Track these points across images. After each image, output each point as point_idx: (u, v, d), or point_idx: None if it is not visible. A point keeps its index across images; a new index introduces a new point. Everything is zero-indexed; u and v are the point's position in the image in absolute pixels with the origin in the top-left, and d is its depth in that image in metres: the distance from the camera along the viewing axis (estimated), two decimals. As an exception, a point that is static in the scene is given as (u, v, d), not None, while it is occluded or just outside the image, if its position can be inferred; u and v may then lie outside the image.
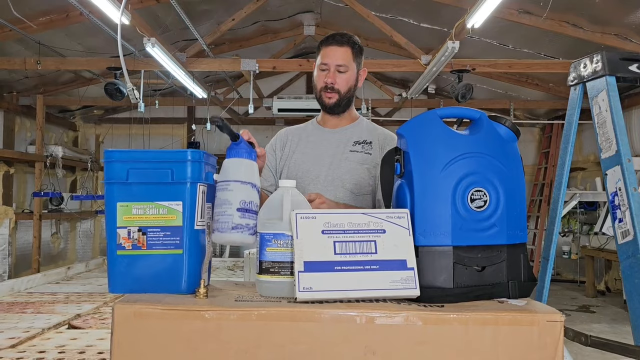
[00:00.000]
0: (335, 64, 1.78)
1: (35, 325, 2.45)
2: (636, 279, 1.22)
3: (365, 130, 1.90)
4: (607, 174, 1.32)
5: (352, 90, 1.84)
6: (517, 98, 7.81)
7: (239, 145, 1.15)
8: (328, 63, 1.79)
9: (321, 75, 1.81)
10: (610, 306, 6.34)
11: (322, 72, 1.81)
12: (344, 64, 1.79)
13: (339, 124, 1.90)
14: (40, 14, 4.81)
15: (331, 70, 1.79)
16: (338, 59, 1.79)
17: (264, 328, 0.97)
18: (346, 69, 1.80)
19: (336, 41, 1.81)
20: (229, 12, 5.46)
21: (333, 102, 1.82)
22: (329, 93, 1.81)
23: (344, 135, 1.87)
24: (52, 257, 7.69)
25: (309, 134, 1.93)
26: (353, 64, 1.82)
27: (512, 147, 1.18)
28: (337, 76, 1.79)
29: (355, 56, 1.82)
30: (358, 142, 1.84)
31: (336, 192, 1.77)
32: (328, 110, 1.85)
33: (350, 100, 1.86)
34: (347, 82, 1.81)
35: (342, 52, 1.79)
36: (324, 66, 1.80)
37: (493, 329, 0.98)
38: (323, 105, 1.84)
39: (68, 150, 7.59)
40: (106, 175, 1.08)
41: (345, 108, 1.86)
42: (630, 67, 1.34)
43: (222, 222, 1.10)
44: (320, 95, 1.83)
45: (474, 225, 1.08)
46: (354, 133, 1.88)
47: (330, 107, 1.83)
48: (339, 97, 1.81)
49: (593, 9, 4.67)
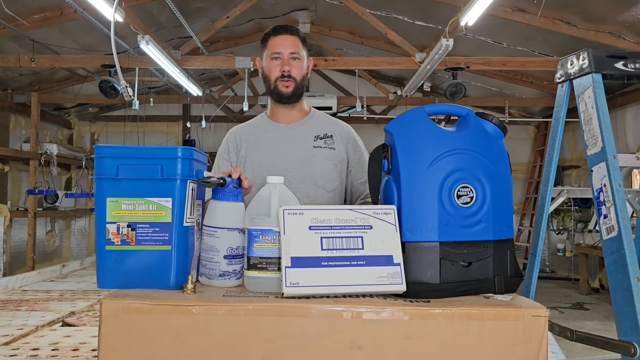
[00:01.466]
0: (288, 51, 1.77)
1: (29, 323, 2.45)
2: (620, 274, 1.23)
3: (323, 123, 1.87)
4: (593, 170, 1.33)
5: (305, 79, 1.83)
6: (511, 96, 7.84)
7: (226, 189, 1.15)
8: (281, 52, 1.77)
9: (274, 65, 1.78)
10: (604, 303, 6.38)
11: (275, 61, 1.78)
12: (297, 52, 1.78)
13: (292, 118, 1.86)
14: (34, 12, 4.80)
15: (285, 58, 1.77)
16: (290, 47, 1.77)
17: (251, 323, 0.98)
18: (299, 56, 1.78)
19: (286, 30, 1.80)
20: (224, 9, 5.46)
21: (290, 91, 1.78)
22: (285, 81, 1.77)
23: (302, 130, 1.84)
24: (47, 255, 7.68)
25: (265, 130, 1.86)
26: (303, 52, 1.81)
27: (499, 144, 1.18)
28: (292, 64, 1.78)
29: (303, 45, 1.81)
30: (319, 137, 1.82)
31: (308, 190, 1.74)
32: (285, 100, 1.81)
33: (304, 90, 1.84)
34: (301, 70, 1.80)
35: (293, 40, 1.79)
36: (276, 55, 1.77)
37: (478, 324, 0.99)
38: (279, 95, 1.80)
39: (63, 148, 7.57)
40: (96, 171, 1.09)
41: (299, 97, 1.84)
42: (616, 65, 1.35)
43: (210, 268, 1.12)
44: (275, 86, 1.79)
45: (460, 221, 1.09)
46: (312, 127, 1.85)
47: (288, 95, 1.79)
48: (295, 85, 1.79)
49: (587, 6, 4.69)
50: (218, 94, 7.68)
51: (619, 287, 1.25)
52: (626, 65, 1.35)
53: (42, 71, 6.45)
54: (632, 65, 1.35)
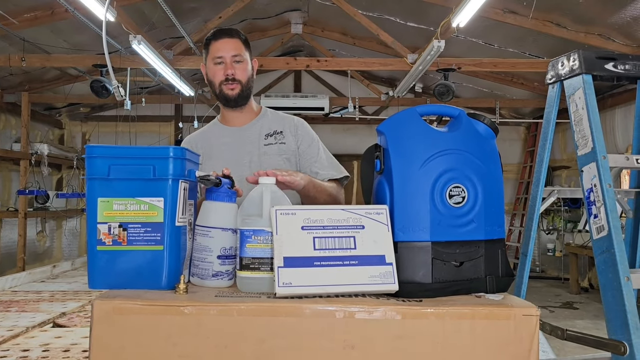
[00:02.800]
0: (230, 55, 1.77)
1: (20, 324, 2.43)
2: (610, 274, 1.24)
3: (273, 121, 1.87)
4: (583, 170, 1.34)
5: (250, 81, 1.83)
6: (502, 97, 7.89)
7: (220, 189, 1.15)
8: (223, 55, 1.77)
9: (218, 69, 1.78)
10: (593, 303, 6.42)
11: (218, 65, 1.78)
12: (239, 54, 1.78)
13: (244, 120, 1.86)
14: (24, 11, 4.77)
15: (228, 62, 1.77)
16: (232, 50, 1.77)
17: (244, 323, 0.98)
18: (242, 58, 1.79)
19: (226, 34, 1.80)
20: (216, 9, 5.45)
21: (236, 94, 1.78)
22: (230, 85, 1.78)
23: (253, 131, 1.84)
24: (38, 256, 7.63)
25: (217, 136, 1.87)
26: (246, 54, 1.81)
27: (490, 145, 1.19)
28: (236, 67, 1.77)
29: (245, 47, 1.81)
30: (269, 134, 1.82)
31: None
32: (232, 104, 1.81)
33: (251, 92, 1.84)
34: (245, 72, 1.80)
35: (234, 43, 1.79)
36: (218, 59, 1.77)
37: (470, 323, 1.00)
38: (225, 98, 1.80)
39: (54, 148, 7.53)
40: (87, 171, 1.08)
41: (247, 100, 1.84)
42: (606, 66, 1.36)
43: (203, 268, 1.12)
44: (220, 90, 1.79)
45: (452, 221, 1.10)
46: (263, 126, 1.85)
47: (234, 98, 1.79)
48: (241, 87, 1.79)
49: (577, 9, 4.72)
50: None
51: (609, 286, 1.26)
52: (616, 66, 1.37)
53: (33, 70, 6.40)
54: (622, 66, 1.36)
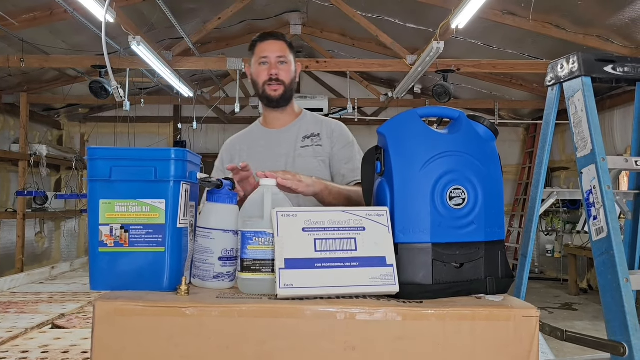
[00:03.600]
0: (275, 55, 1.80)
1: (19, 325, 2.43)
2: (609, 275, 1.25)
3: (311, 124, 1.89)
4: (583, 172, 1.35)
5: (294, 83, 1.86)
6: (501, 98, 7.90)
7: (222, 191, 1.15)
8: (268, 56, 1.80)
9: (262, 69, 1.81)
10: (592, 304, 6.43)
11: (263, 65, 1.81)
12: (284, 56, 1.81)
13: (284, 122, 1.89)
14: (23, 11, 4.77)
15: (273, 63, 1.80)
16: (277, 51, 1.81)
17: (245, 324, 0.98)
18: (286, 60, 1.82)
19: (272, 36, 1.84)
20: (215, 10, 5.45)
21: (279, 94, 1.81)
22: (274, 85, 1.80)
23: (292, 133, 1.87)
24: (36, 257, 7.62)
25: (257, 138, 1.90)
26: (291, 57, 1.84)
27: (490, 146, 1.20)
28: (280, 68, 1.80)
29: (290, 50, 1.85)
30: (306, 137, 1.84)
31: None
32: (274, 104, 1.84)
33: (293, 93, 1.87)
34: (289, 74, 1.83)
35: (280, 45, 1.82)
36: (263, 59, 1.81)
37: (470, 324, 1.00)
38: (268, 99, 1.83)
39: (52, 149, 7.52)
40: (89, 173, 1.08)
41: (289, 101, 1.87)
42: (606, 68, 1.37)
43: (204, 269, 1.12)
44: (264, 90, 1.82)
45: (452, 223, 1.10)
46: (301, 128, 1.87)
47: (277, 99, 1.82)
48: (284, 88, 1.82)
49: (576, 10, 4.74)
50: (209, 95, 7.66)
51: (608, 287, 1.27)
52: (615, 69, 1.37)
53: (32, 71, 6.40)
54: (621, 69, 1.37)
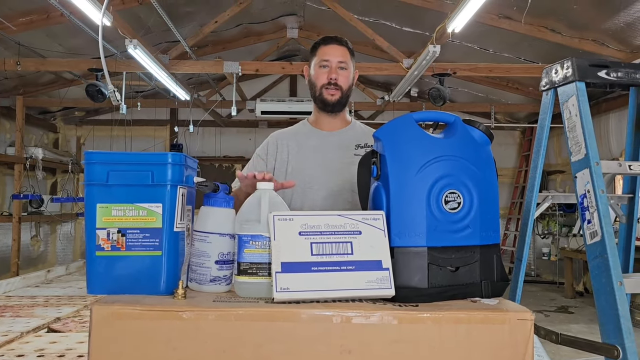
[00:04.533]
0: (337, 60, 1.80)
1: (14, 329, 2.42)
2: (603, 279, 1.26)
3: (364, 134, 1.89)
4: (577, 176, 1.36)
5: (350, 89, 1.85)
6: (497, 101, 7.92)
7: (218, 195, 1.16)
8: (330, 60, 1.80)
9: (322, 72, 1.81)
10: (588, 307, 6.45)
11: (323, 69, 1.81)
12: (345, 61, 1.81)
13: (335, 126, 1.89)
14: (20, 15, 4.76)
15: (333, 67, 1.80)
16: (339, 56, 1.81)
17: (242, 328, 0.98)
18: (346, 66, 1.82)
19: (336, 40, 1.84)
20: (212, 14, 5.46)
21: (336, 99, 1.81)
22: (331, 90, 1.80)
23: (344, 138, 1.86)
24: (32, 260, 7.60)
25: (306, 137, 1.89)
26: (351, 63, 1.84)
27: (485, 151, 1.21)
28: (339, 73, 1.80)
29: (351, 56, 1.85)
30: (360, 146, 1.83)
31: (347, 196, 1.74)
32: (329, 109, 1.84)
33: (348, 100, 1.87)
34: (347, 79, 1.83)
35: (342, 50, 1.82)
36: (324, 62, 1.80)
37: (466, 328, 1.01)
38: (324, 102, 1.83)
39: (48, 152, 7.50)
40: (86, 177, 1.09)
41: (343, 107, 1.87)
42: (599, 73, 1.38)
43: (200, 273, 1.13)
44: (321, 93, 1.82)
45: (448, 227, 1.11)
46: (354, 136, 1.87)
47: (333, 104, 1.82)
48: (341, 93, 1.81)
49: (571, 14, 4.76)
50: (206, 98, 7.66)
51: (602, 290, 1.28)
52: (609, 74, 1.39)
53: (28, 74, 6.39)
54: (614, 74, 1.38)
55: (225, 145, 8.94)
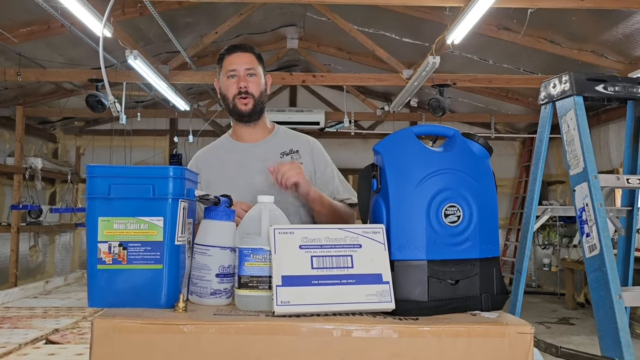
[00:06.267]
0: (243, 68, 1.77)
1: (12, 341, 2.42)
2: (602, 292, 1.26)
3: (287, 139, 1.86)
4: (575, 190, 1.36)
5: (264, 95, 1.82)
6: (497, 112, 7.95)
7: (219, 208, 1.16)
8: (237, 69, 1.77)
9: (231, 83, 1.78)
10: (589, 318, 6.42)
11: (231, 79, 1.78)
12: (252, 67, 1.78)
13: (257, 137, 1.85)
14: (20, 25, 4.79)
15: (241, 75, 1.76)
16: (246, 64, 1.77)
17: (242, 341, 0.98)
18: (255, 72, 1.78)
19: (239, 48, 1.81)
20: (212, 25, 5.49)
21: (250, 108, 1.77)
22: (243, 98, 1.76)
23: (268, 148, 1.82)
24: (30, 271, 7.57)
25: (229, 151, 1.84)
26: (259, 69, 1.81)
27: (484, 164, 1.21)
28: (249, 80, 1.77)
29: (259, 62, 1.82)
30: (285, 153, 1.80)
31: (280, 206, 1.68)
32: (245, 119, 1.80)
33: (264, 107, 1.83)
34: (258, 86, 1.79)
35: (248, 57, 1.79)
36: (232, 72, 1.77)
37: (466, 341, 1.01)
38: (239, 113, 1.78)
39: (48, 162, 7.50)
40: (88, 190, 1.09)
41: (260, 115, 1.82)
42: (597, 87, 1.39)
43: (201, 286, 1.13)
44: (234, 104, 1.78)
45: (447, 240, 1.12)
46: (277, 143, 1.83)
47: (248, 113, 1.78)
48: (254, 101, 1.78)
49: (570, 26, 4.79)
50: (206, 108, 7.69)
51: (601, 304, 1.28)
52: (606, 88, 1.40)
53: (28, 85, 6.41)
54: (612, 88, 1.39)
55: (224, 155, 8.93)
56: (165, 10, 4.71)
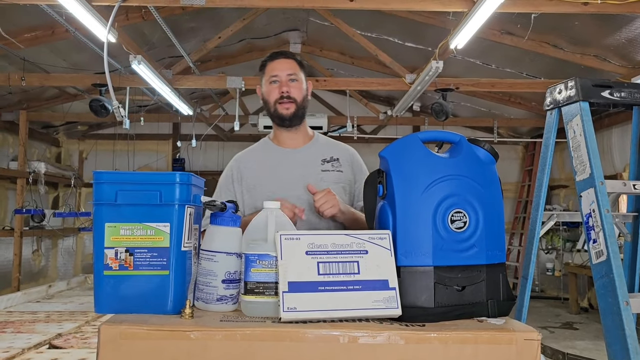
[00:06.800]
0: (285, 73, 1.80)
1: (15, 345, 2.42)
2: (609, 298, 1.26)
3: (328, 147, 1.89)
4: (582, 195, 1.36)
5: (305, 101, 1.84)
6: (500, 116, 7.94)
7: (225, 214, 1.16)
8: (279, 74, 1.80)
9: (273, 88, 1.81)
10: (593, 323, 6.40)
11: (274, 84, 1.81)
12: (294, 73, 1.81)
13: (297, 142, 1.87)
14: (25, 30, 4.81)
15: (283, 80, 1.79)
16: (288, 69, 1.81)
17: (248, 348, 0.98)
18: (297, 77, 1.81)
19: (282, 55, 1.85)
20: (216, 29, 5.50)
21: (291, 113, 1.80)
22: (285, 103, 1.79)
23: (309, 154, 1.84)
24: (33, 275, 7.57)
25: (270, 156, 1.86)
26: (301, 75, 1.84)
27: (490, 170, 1.21)
28: (291, 85, 1.80)
29: (300, 68, 1.85)
30: (326, 160, 1.82)
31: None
32: (287, 123, 1.82)
33: (305, 112, 1.85)
34: (300, 91, 1.82)
35: (290, 63, 1.82)
36: (274, 78, 1.80)
37: (473, 348, 1.01)
38: (280, 117, 1.81)
39: (51, 166, 7.51)
40: (95, 197, 1.10)
41: (301, 120, 1.84)
42: (603, 93, 1.39)
43: (207, 292, 1.13)
44: (275, 109, 1.81)
45: (454, 246, 1.12)
46: (318, 151, 1.85)
47: (289, 117, 1.80)
48: (296, 106, 1.80)
49: (573, 30, 4.79)
50: (209, 112, 7.69)
51: (608, 310, 1.27)
52: (612, 94, 1.40)
53: (32, 89, 6.43)
54: (618, 94, 1.39)
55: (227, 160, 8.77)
56: (169, 15, 4.73)
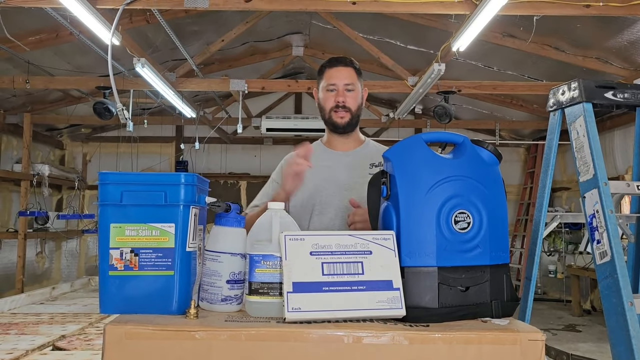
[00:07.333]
0: (343, 83, 1.82)
1: (19, 347, 2.42)
2: (614, 299, 1.26)
3: (378, 152, 1.89)
4: (585, 196, 1.36)
5: (360, 109, 1.87)
6: (502, 118, 7.94)
7: (230, 214, 1.17)
8: (336, 83, 1.82)
9: (330, 96, 1.83)
10: (596, 325, 6.39)
11: (330, 92, 1.83)
12: (352, 83, 1.83)
13: (349, 146, 1.91)
14: (29, 34, 4.83)
15: (340, 90, 1.81)
16: (345, 79, 1.82)
17: (253, 348, 0.99)
18: (354, 87, 1.83)
19: (341, 62, 1.85)
20: (219, 32, 5.52)
21: (346, 121, 1.83)
22: (340, 112, 1.82)
23: (358, 158, 1.87)
24: (37, 277, 7.59)
25: (321, 158, 1.89)
26: (358, 84, 1.85)
27: (494, 171, 1.22)
28: (347, 95, 1.82)
29: (358, 76, 1.86)
30: (374, 165, 1.84)
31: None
32: (340, 131, 1.86)
33: (359, 120, 1.89)
34: (356, 101, 1.84)
35: (348, 72, 1.84)
36: (331, 86, 1.82)
37: (477, 348, 1.01)
38: (334, 125, 1.85)
39: (55, 168, 7.53)
40: (100, 197, 1.10)
41: (354, 127, 1.88)
42: (606, 94, 1.40)
43: (212, 292, 1.14)
44: (330, 116, 1.84)
45: (458, 247, 1.12)
46: (367, 155, 1.88)
47: (343, 126, 1.84)
48: (351, 115, 1.83)
49: (574, 33, 4.80)
50: (212, 115, 7.71)
51: (613, 311, 1.27)
52: (615, 95, 1.40)
53: (36, 92, 6.45)
54: (621, 95, 1.39)
55: (230, 162, 8.96)
56: (172, 18, 4.74)
